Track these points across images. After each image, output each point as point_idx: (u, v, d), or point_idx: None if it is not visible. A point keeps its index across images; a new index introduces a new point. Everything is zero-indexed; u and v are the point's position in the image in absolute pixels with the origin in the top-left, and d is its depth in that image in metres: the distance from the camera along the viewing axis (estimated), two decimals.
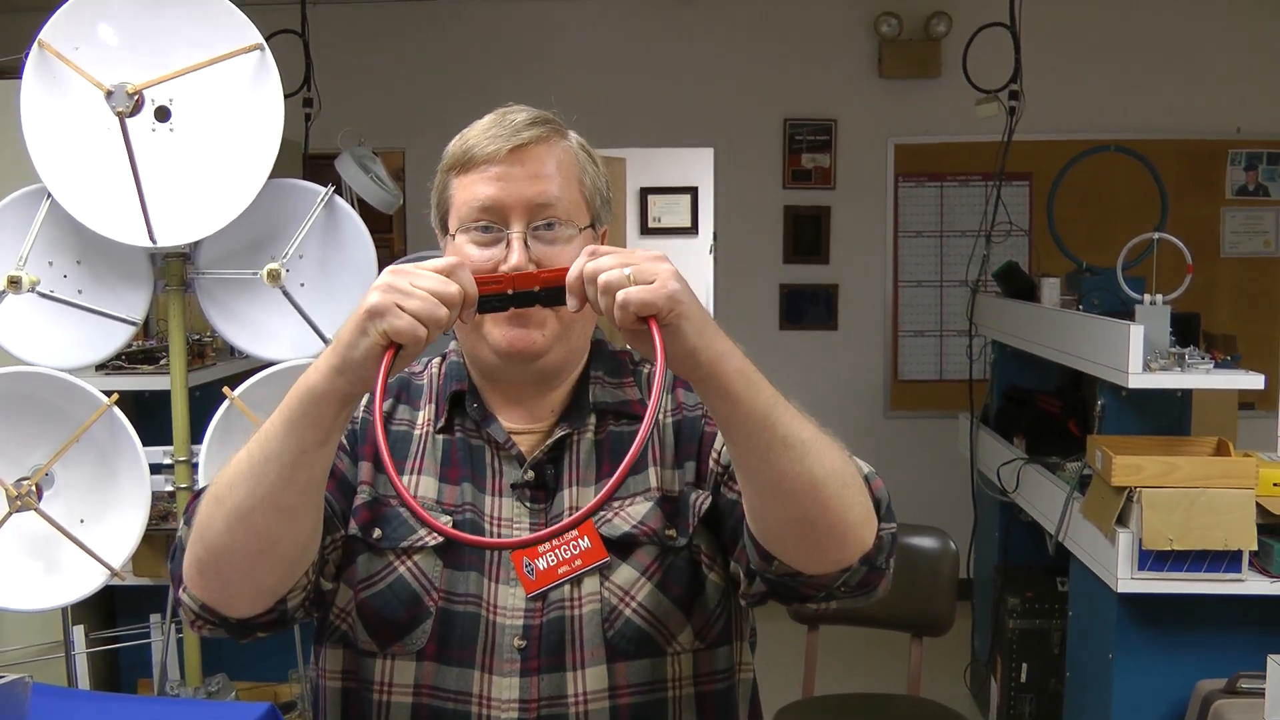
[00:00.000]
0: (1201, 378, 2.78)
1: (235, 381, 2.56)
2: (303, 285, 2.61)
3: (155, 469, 2.55)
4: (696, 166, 7.26)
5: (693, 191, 7.86)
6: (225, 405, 2.51)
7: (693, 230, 7.94)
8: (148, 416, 2.84)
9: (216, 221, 2.45)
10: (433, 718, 1.23)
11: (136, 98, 2.38)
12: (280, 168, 2.49)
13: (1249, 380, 2.78)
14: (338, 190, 2.64)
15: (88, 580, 2.53)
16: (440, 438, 1.31)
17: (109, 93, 2.35)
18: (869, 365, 5.46)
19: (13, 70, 2.69)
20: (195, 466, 2.55)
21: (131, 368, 3.08)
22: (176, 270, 2.56)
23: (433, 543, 1.25)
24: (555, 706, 1.22)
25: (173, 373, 2.60)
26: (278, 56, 2.45)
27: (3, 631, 3.09)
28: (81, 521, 2.55)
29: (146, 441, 2.53)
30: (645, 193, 7.92)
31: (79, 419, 2.48)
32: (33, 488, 2.47)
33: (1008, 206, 4.35)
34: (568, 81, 5.23)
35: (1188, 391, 2.90)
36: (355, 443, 1.31)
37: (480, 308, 1.11)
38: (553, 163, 1.27)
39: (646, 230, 7.96)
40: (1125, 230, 3.17)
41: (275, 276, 2.48)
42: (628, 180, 7.71)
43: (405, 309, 1.03)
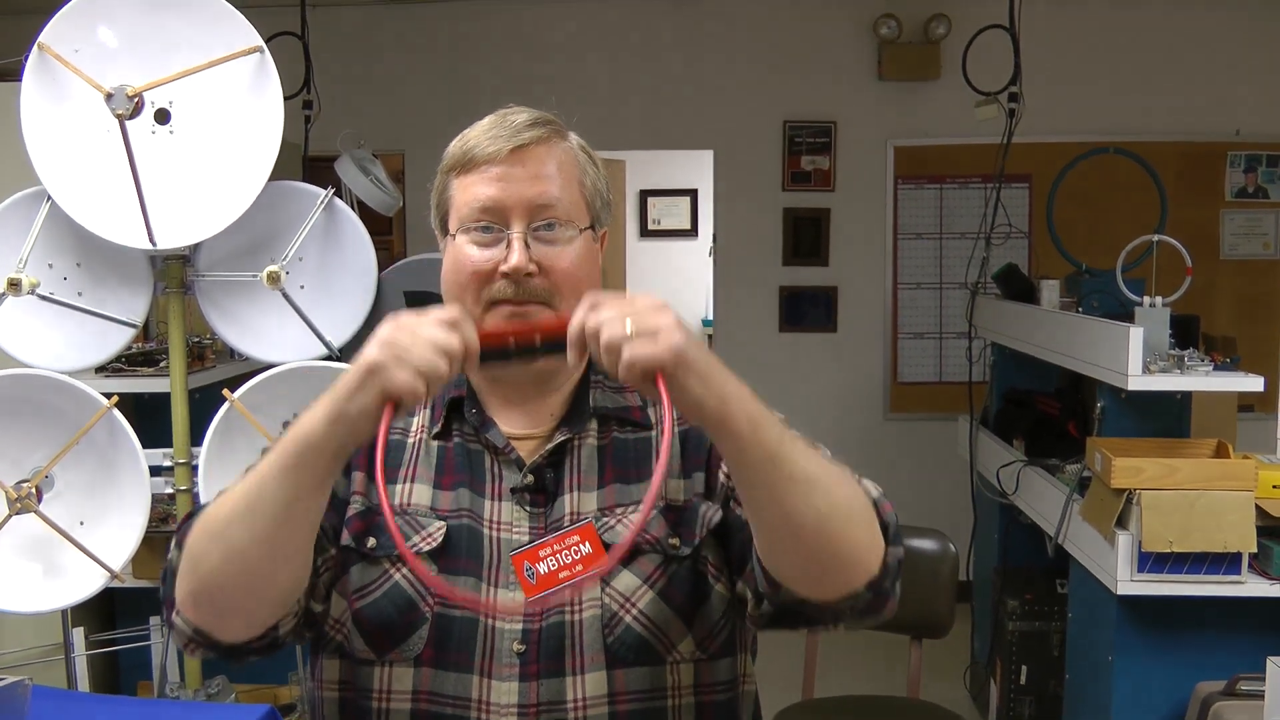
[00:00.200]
0: (1201, 380, 2.78)
1: (235, 384, 2.56)
2: (302, 287, 2.61)
3: (155, 471, 2.55)
4: (696, 168, 7.27)
5: (692, 193, 7.87)
6: (225, 408, 2.51)
7: (692, 232, 7.95)
8: (147, 419, 2.83)
9: (216, 224, 2.45)
10: None
11: (136, 100, 2.38)
12: (280, 170, 2.49)
13: (1248, 382, 2.77)
14: (337, 192, 2.64)
15: (87, 582, 2.53)
16: (435, 443, 1.31)
17: (109, 95, 2.35)
18: (868, 367, 5.46)
19: (13, 73, 2.69)
20: (195, 469, 2.54)
21: (131, 370, 3.08)
22: (176, 272, 2.56)
23: (426, 549, 1.24)
24: (554, 712, 1.21)
25: (172, 375, 2.59)
26: (277, 59, 2.45)
27: (2, 634, 3.09)
28: (81, 524, 2.55)
29: (146, 444, 2.53)
30: (645, 195, 7.93)
31: (79, 421, 2.48)
32: (32, 490, 2.47)
33: (1007, 209, 4.36)
34: (568, 83, 5.23)
35: (1187, 394, 2.90)
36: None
37: (481, 359, 1.11)
38: (553, 163, 1.27)
39: (646, 232, 7.97)
40: (1125, 232, 3.17)
41: (275, 279, 2.48)
42: (627, 182, 7.71)
43: (405, 364, 1.03)
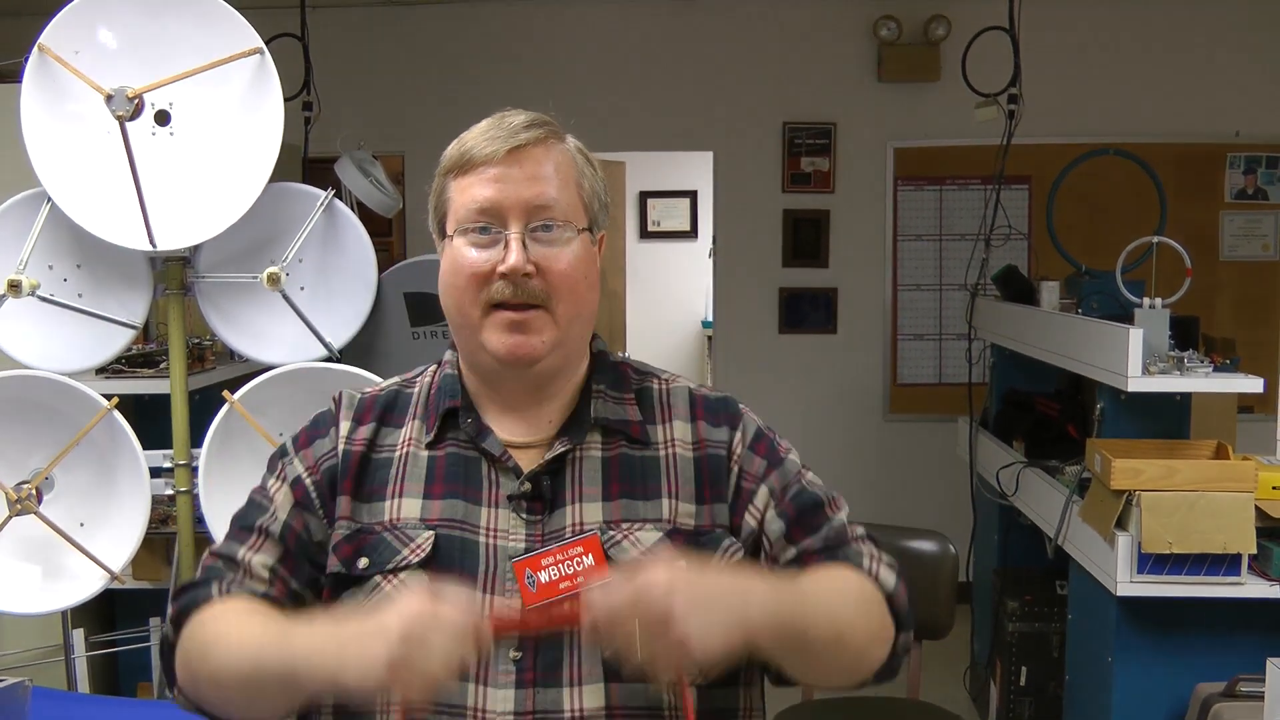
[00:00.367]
0: (1201, 381, 2.78)
1: (235, 385, 2.56)
2: (302, 289, 2.61)
3: (155, 473, 2.55)
4: (696, 170, 7.27)
5: (692, 195, 7.88)
6: (225, 409, 2.51)
7: (692, 234, 7.95)
8: (147, 420, 2.83)
9: (216, 225, 2.45)
10: None
11: (136, 101, 2.38)
12: (280, 171, 2.49)
13: (1248, 384, 2.77)
14: (337, 194, 2.65)
15: (87, 584, 2.53)
16: (425, 454, 1.30)
17: (109, 96, 2.35)
18: (868, 369, 5.46)
19: (13, 74, 2.69)
20: (195, 470, 2.55)
21: (131, 371, 3.07)
22: (176, 274, 2.56)
23: (415, 559, 1.23)
24: None
25: (172, 376, 2.60)
26: (277, 60, 2.45)
27: (2, 635, 3.09)
28: (81, 525, 2.55)
29: (146, 445, 2.53)
30: (645, 196, 7.93)
31: (79, 423, 2.48)
32: (33, 491, 2.47)
33: (1007, 210, 4.35)
34: (567, 85, 5.24)
35: (1187, 395, 2.89)
36: (335, 481, 1.30)
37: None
38: (551, 165, 1.27)
39: (646, 234, 7.98)
40: (1124, 234, 3.17)
41: (275, 280, 2.48)
42: (627, 184, 7.71)
43: (417, 674, 1.06)
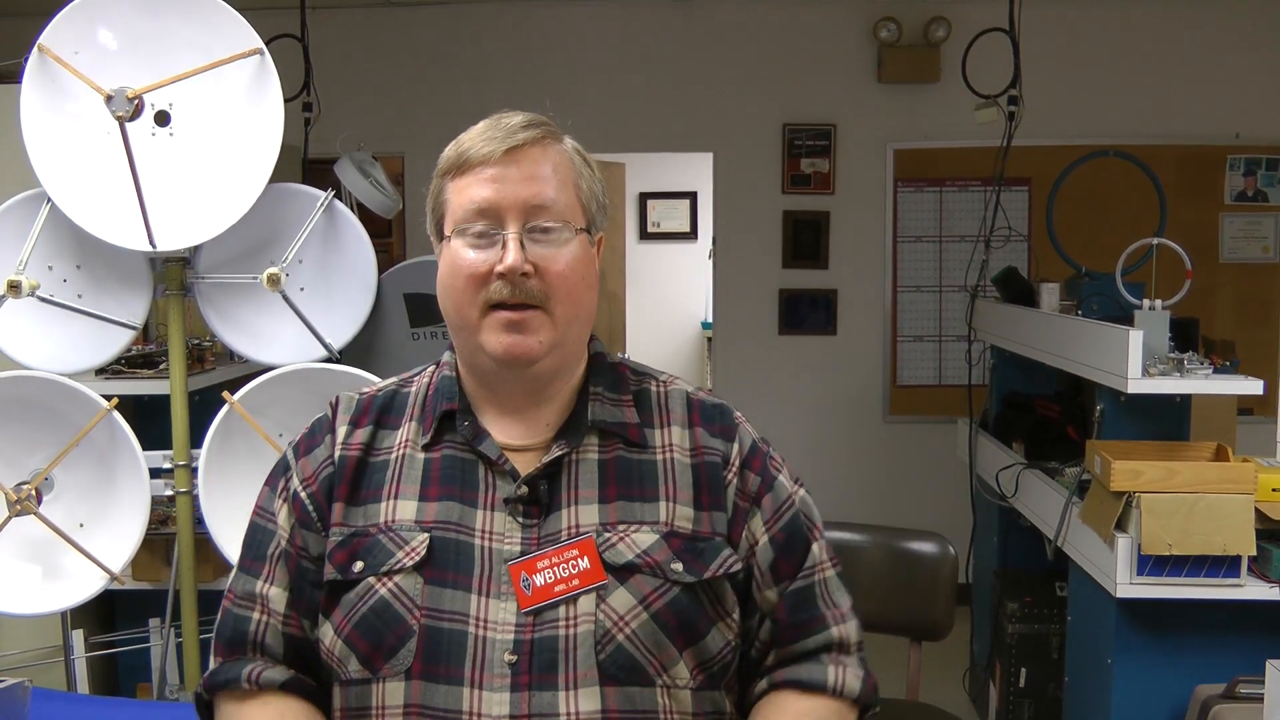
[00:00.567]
0: (1200, 383, 2.78)
1: (235, 386, 2.56)
2: (302, 290, 2.61)
3: (155, 473, 2.55)
4: (696, 171, 7.28)
5: (692, 196, 7.88)
6: (225, 410, 2.51)
7: (692, 235, 7.96)
8: (147, 421, 2.83)
9: (216, 226, 2.45)
10: None
11: (136, 102, 2.38)
12: (280, 172, 2.49)
13: (1248, 385, 2.77)
14: (337, 195, 2.65)
15: (87, 585, 2.53)
16: (421, 455, 1.30)
17: (109, 97, 2.35)
18: (868, 370, 5.46)
19: (13, 75, 2.69)
20: (195, 471, 2.55)
21: (131, 372, 3.07)
22: (176, 275, 2.56)
23: (410, 562, 1.23)
24: None
25: (172, 377, 2.59)
26: (277, 61, 2.45)
27: (2, 636, 3.09)
28: (81, 526, 2.55)
29: (146, 446, 2.53)
30: (644, 197, 7.94)
31: (78, 423, 2.48)
32: (32, 492, 2.47)
33: (1007, 211, 4.35)
34: (567, 86, 5.24)
35: (1187, 397, 2.89)
36: (332, 490, 1.30)
37: None
38: (549, 165, 1.27)
39: (645, 235, 7.98)
40: (1124, 235, 3.17)
41: (275, 281, 2.48)
42: (627, 185, 7.72)
43: None
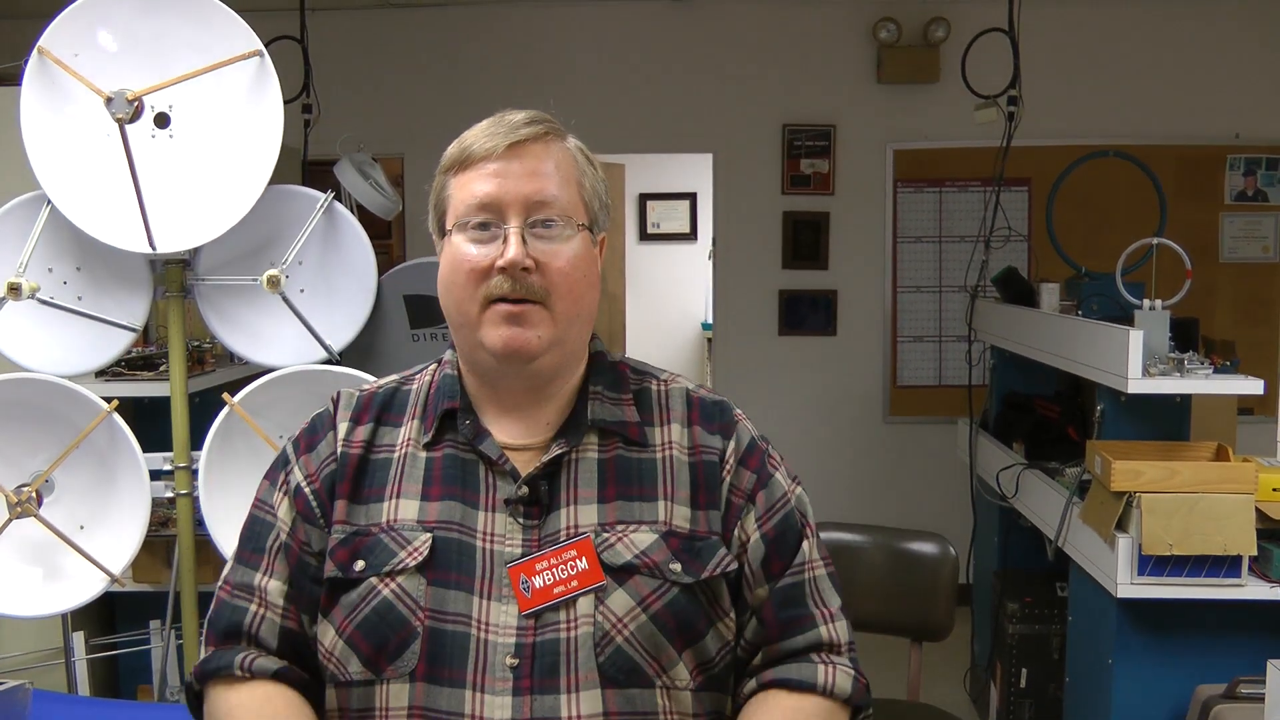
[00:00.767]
0: (1201, 383, 2.78)
1: (235, 387, 2.56)
2: (302, 291, 2.61)
3: (155, 475, 2.55)
4: (695, 172, 7.28)
5: (692, 197, 7.88)
6: (225, 411, 2.51)
7: (692, 236, 7.96)
8: (147, 423, 2.83)
9: (216, 228, 2.45)
10: None
11: (136, 104, 2.38)
12: (279, 174, 2.49)
13: (1248, 385, 2.77)
14: (337, 196, 2.65)
15: (88, 586, 2.52)
16: (423, 455, 1.30)
17: (109, 99, 2.35)
18: (868, 371, 5.46)
19: (12, 77, 2.69)
20: (195, 473, 2.55)
21: (131, 374, 3.07)
22: (176, 276, 2.56)
23: (413, 563, 1.23)
24: None
25: (172, 379, 2.59)
26: (277, 63, 2.45)
27: (3, 638, 3.09)
28: (81, 528, 2.55)
29: (146, 448, 2.53)
30: (644, 198, 7.94)
31: (79, 425, 2.48)
32: (33, 494, 2.47)
33: (1006, 212, 4.36)
34: (567, 87, 5.24)
35: (1187, 397, 2.89)
36: (334, 486, 1.30)
37: None
38: (551, 162, 1.27)
39: (645, 236, 7.98)
40: (1124, 235, 3.17)
41: (275, 282, 2.48)
42: (627, 186, 7.72)
43: None
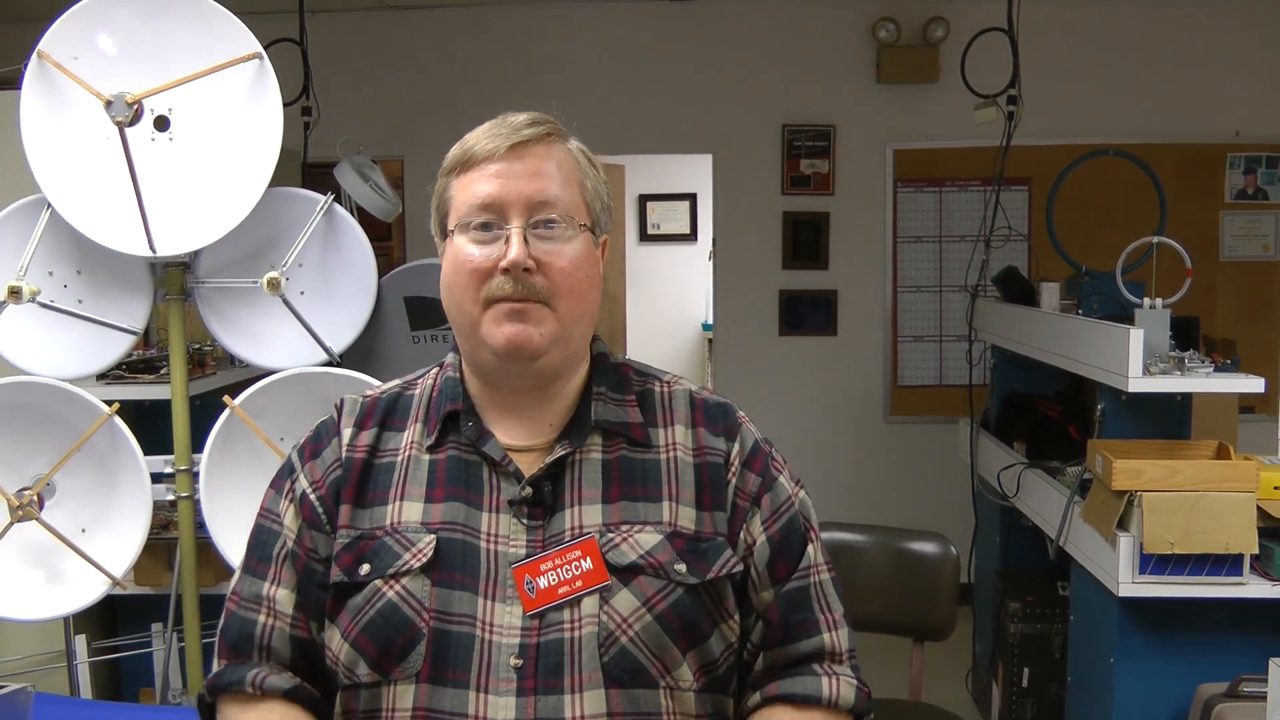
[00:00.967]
0: (1201, 381, 2.78)
1: (236, 390, 2.57)
2: (303, 293, 2.62)
3: (156, 478, 2.55)
4: (695, 173, 7.28)
5: (692, 198, 7.88)
6: (226, 414, 2.51)
7: (692, 236, 7.96)
8: (148, 426, 2.83)
9: (216, 230, 2.45)
10: None
11: (136, 107, 2.38)
12: (279, 176, 2.49)
13: (1249, 384, 2.77)
14: (337, 198, 2.65)
15: (89, 589, 2.53)
16: (426, 457, 1.29)
17: (108, 102, 2.35)
18: (868, 371, 5.46)
19: (12, 81, 2.69)
20: (196, 475, 2.55)
21: (132, 377, 3.07)
22: (176, 279, 2.57)
23: (417, 564, 1.23)
24: None
25: (173, 382, 2.60)
26: (276, 65, 2.46)
27: (4, 641, 3.09)
28: (83, 531, 2.55)
29: (147, 450, 2.53)
30: (644, 199, 7.94)
31: (80, 428, 2.48)
32: (34, 497, 2.47)
33: (1006, 211, 4.35)
34: (567, 88, 5.24)
35: (1188, 395, 2.89)
36: (339, 491, 1.30)
37: None
38: (553, 162, 1.27)
39: (645, 237, 7.98)
40: (1124, 234, 3.17)
41: (275, 285, 2.49)
42: (627, 187, 7.72)
43: None
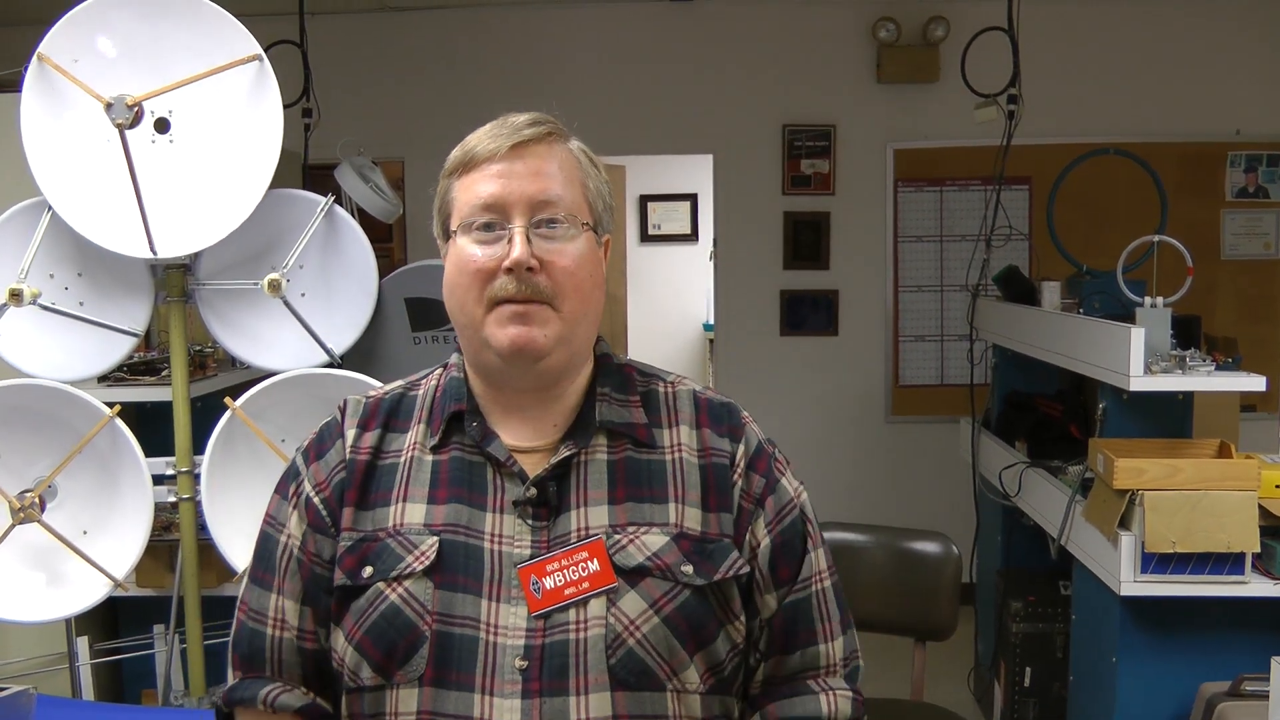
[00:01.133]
0: (1203, 380, 2.78)
1: (237, 392, 2.57)
2: (303, 295, 2.62)
3: (158, 480, 2.55)
4: (696, 173, 7.28)
5: (692, 198, 7.88)
6: (227, 416, 2.51)
7: (692, 237, 7.96)
8: (149, 428, 2.84)
9: (217, 232, 2.46)
10: None
11: (136, 109, 2.38)
12: (280, 178, 2.49)
13: (1250, 382, 2.77)
14: (337, 200, 2.65)
15: (91, 591, 2.53)
16: (429, 458, 1.29)
17: (108, 105, 2.35)
18: (870, 371, 5.46)
19: (13, 83, 2.70)
20: (197, 477, 2.55)
21: (133, 379, 3.08)
22: (177, 281, 2.57)
23: (420, 567, 1.22)
24: None
25: (174, 384, 2.60)
26: (277, 67, 2.46)
27: (6, 643, 3.09)
28: (84, 533, 2.55)
29: (148, 452, 2.53)
30: (645, 200, 7.94)
31: (81, 431, 2.48)
32: (36, 500, 2.47)
33: (1007, 210, 4.36)
34: (567, 89, 5.24)
35: (1189, 394, 2.89)
36: (343, 493, 1.29)
37: None
38: (554, 162, 1.27)
39: (646, 237, 7.98)
40: (1125, 233, 3.16)
41: (276, 287, 2.49)
42: (627, 187, 7.73)
43: None
